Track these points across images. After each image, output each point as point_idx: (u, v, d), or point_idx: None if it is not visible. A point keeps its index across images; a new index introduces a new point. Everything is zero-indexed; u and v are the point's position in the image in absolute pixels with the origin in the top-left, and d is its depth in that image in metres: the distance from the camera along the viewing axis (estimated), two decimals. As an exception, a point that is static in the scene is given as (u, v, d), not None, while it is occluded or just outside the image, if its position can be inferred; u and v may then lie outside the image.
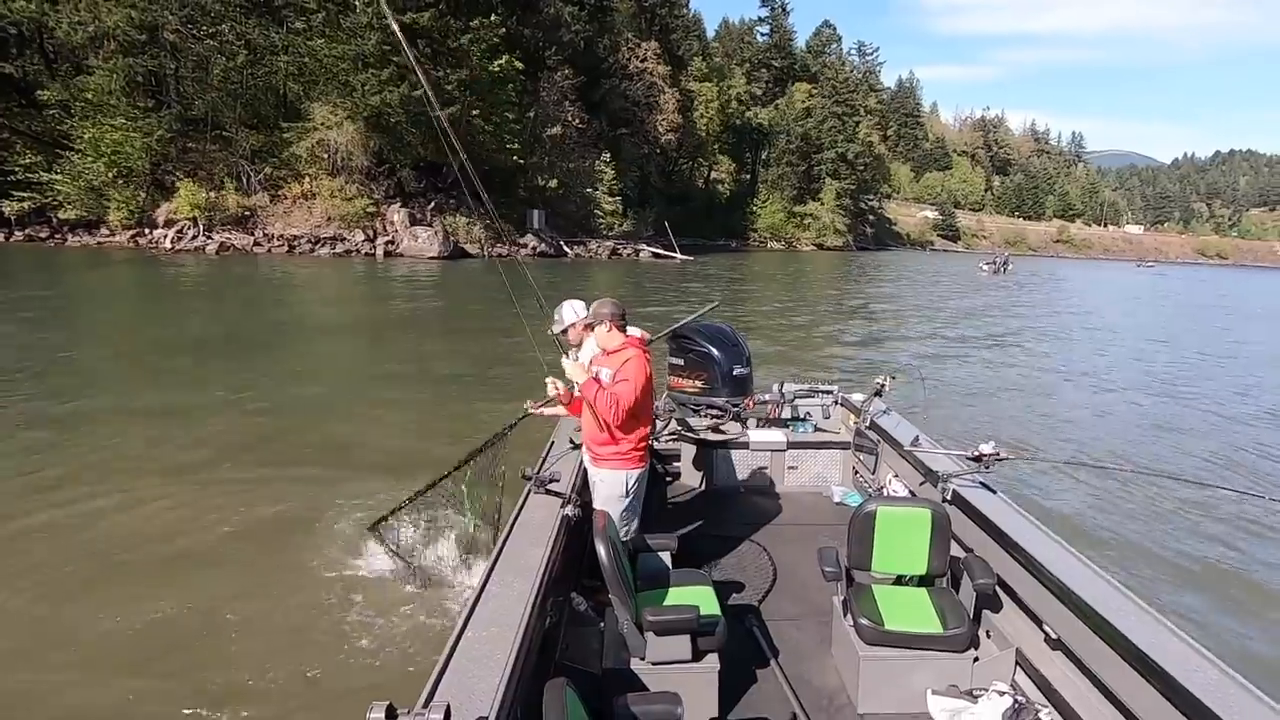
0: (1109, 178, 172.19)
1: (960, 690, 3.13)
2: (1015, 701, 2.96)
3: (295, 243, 33.07)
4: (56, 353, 11.39)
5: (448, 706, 1.68)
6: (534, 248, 40.24)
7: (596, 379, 3.62)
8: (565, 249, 42.17)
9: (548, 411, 4.38)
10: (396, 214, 35.89)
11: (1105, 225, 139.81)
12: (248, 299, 20.16)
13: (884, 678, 3.15)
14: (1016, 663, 3.19)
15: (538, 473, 3.75)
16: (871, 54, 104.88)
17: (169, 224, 31.68)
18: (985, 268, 51.09)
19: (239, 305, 18.73)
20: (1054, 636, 2.97)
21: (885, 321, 22.34)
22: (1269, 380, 15.54)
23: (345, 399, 10.09)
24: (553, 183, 45.49)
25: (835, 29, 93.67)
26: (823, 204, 75.04)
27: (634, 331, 4.36)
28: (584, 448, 3.87)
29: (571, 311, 4.24)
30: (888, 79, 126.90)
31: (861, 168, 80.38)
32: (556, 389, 3.91)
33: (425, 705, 1.95)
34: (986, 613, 3.37)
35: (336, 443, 8.00)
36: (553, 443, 4.53)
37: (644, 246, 47.23)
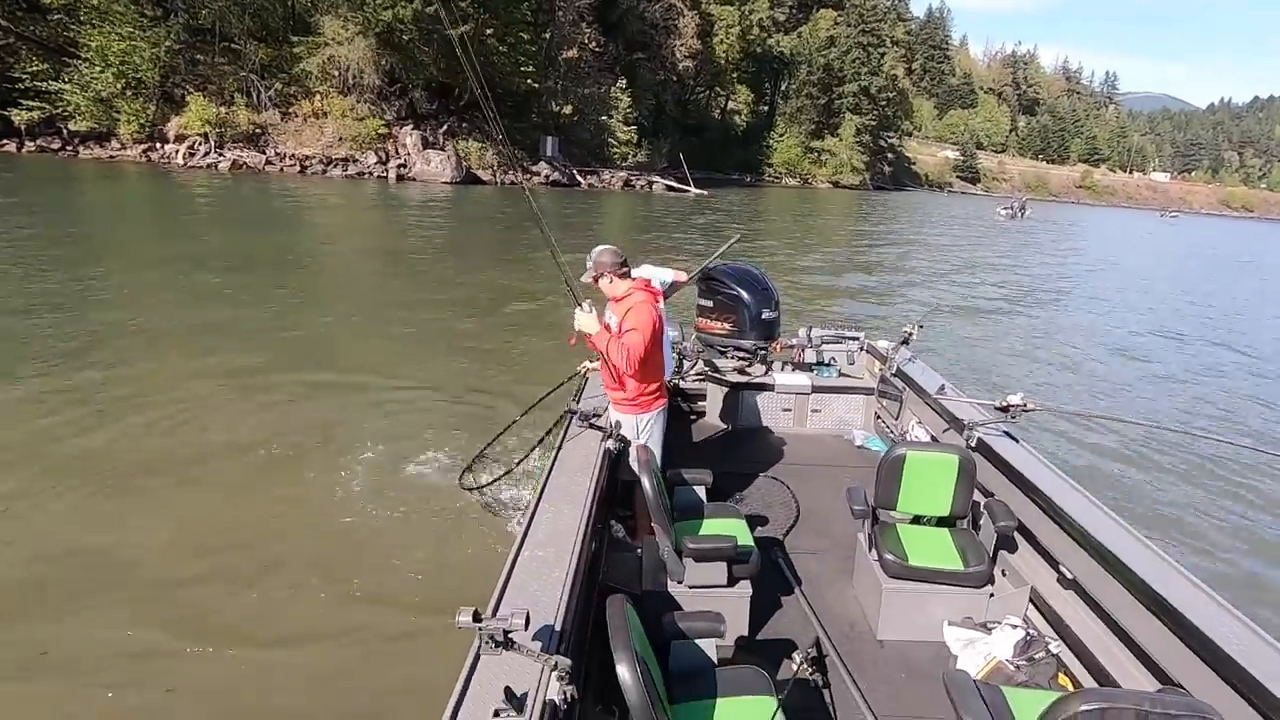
0: (1140, 121, 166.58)
1: (975, 622, 3.34)
2: (1027, 634, 3.17)
3: (307, 163, 32.64)
4: (79, 268, 11.50)
5: (528, 613, 1.83)
6: (547, 176, 39.60)
7: (608, 327, 3.68)
8: (578, 178, 41.50)
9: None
10: (409, 136, 35.25)
11: (1130, 172, 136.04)
12: (264, 217, 20.11)
13: (904, 608, 3.36)
14: (1030, 600, 3.38)
15: (579, 407, 3.90)
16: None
17: (180, 139, 31.24)
18: (1002, 212, 50.54)
19: (256, 223, 18.70)
20: (1069, 577, 3.15)
21: (901, 265, 22.19)
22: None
23: (372, 321, 10.34)
24: (567, 109, 44.35)
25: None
26: (841, 139, 73.06)
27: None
28: None
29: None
30: (917, 8, 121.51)
31: (884, 103, 77.83)
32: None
33: (494, 611, 2.14)
34: (1004, 553, 3.56)
35: (368, 363, 8.26)
36: (587, 379, 4.67)
37: (657, 178, 46.41)
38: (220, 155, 31.11)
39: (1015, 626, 3.22)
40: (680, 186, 45.33)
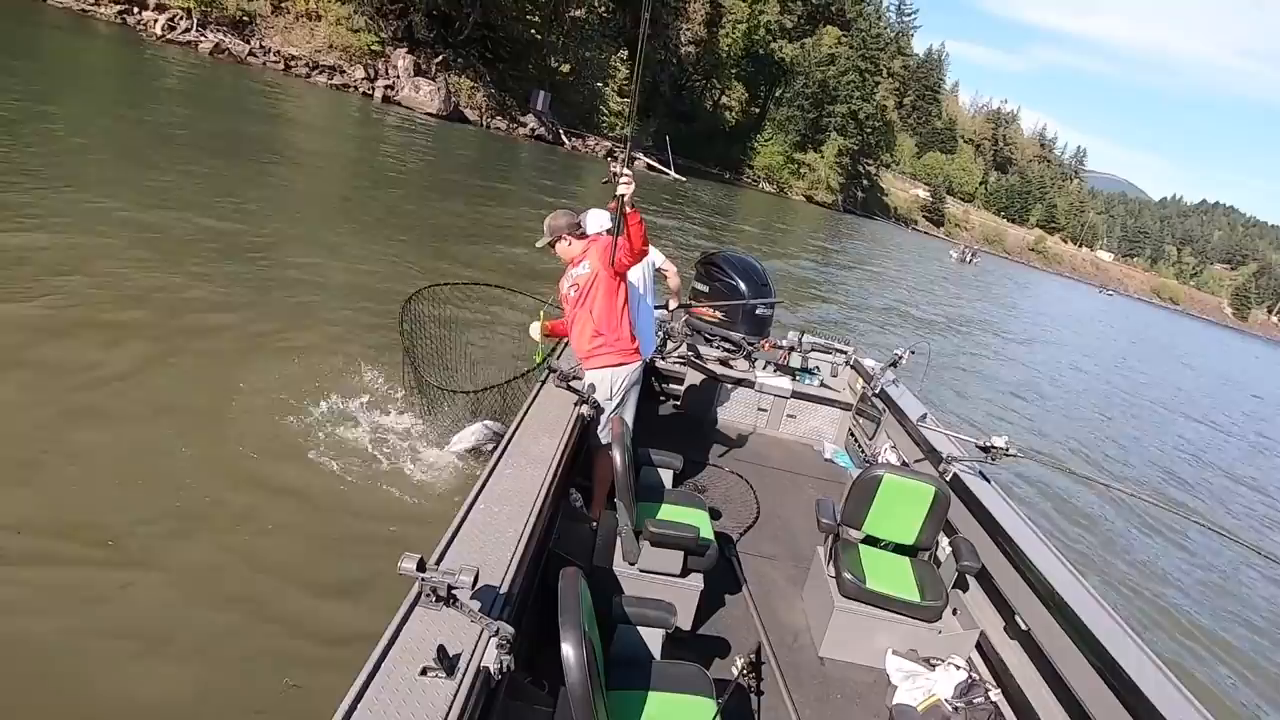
0: (1098, 200, 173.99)
1: (919, 656, 3.34)
2: (970, 677, 3.18)
3: (293, 64, 30.80)
4: (39, 122, 10.47)
5: (477, 570, 1.71)
6: (533, 129, 38.65)
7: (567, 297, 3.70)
8: (563, 138, 40.67)
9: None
10: (401, 59, 33.70)
11: (1080, 245, 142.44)
12: (240, 108, 18.95)
13: (852, 630, 3.33)
14: (978, 643, 3.38)
15: (558, 365, 3.75)
16: (910, 15, 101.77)
17: (160, 8, 28.98)
18: (953, 255, 53.35)
19: (230, 113, 17.57)
20: (1021, 627, 3.16)
21: (863, 291, 22.57)
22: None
23: (334, 232, 9.93)
24: (565, 67, 43.27)
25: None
26: (823, 157, 73.98)
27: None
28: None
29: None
30: (918, 45, 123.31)
31: (869, 130, 79.08)
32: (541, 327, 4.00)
33: (438, 563, 1.99)
34: (959, 592, 3.58)
35: (327, 278, 7.90)
36: (566, 341, 4.51)
37: (640, 155, 45.93)
38: (202, 35, 28.99)
39: (959, 668, 3.22)
40: (660, 167, 45.03)
